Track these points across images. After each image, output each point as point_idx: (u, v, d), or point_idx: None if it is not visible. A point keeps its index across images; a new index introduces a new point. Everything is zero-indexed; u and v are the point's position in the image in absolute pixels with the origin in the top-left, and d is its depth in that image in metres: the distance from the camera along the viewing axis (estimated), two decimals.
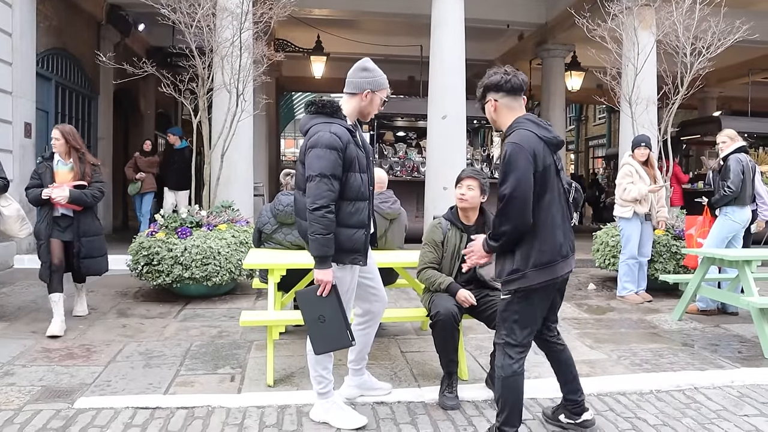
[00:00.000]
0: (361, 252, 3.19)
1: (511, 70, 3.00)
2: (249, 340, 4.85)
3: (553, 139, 2.90)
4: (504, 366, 2.90)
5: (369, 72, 3.23)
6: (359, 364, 3.58)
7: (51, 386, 3.78)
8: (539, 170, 2.80)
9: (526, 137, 2.82)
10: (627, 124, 8.33)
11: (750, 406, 3.67)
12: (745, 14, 7.85)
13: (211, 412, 3.41)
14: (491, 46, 14.93)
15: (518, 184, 2.75)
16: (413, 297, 6.26)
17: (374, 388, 3.65)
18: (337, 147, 3.02)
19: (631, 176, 6.51)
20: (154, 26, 7.90)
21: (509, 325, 2.92)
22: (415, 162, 10.96)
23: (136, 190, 10.23)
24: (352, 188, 3.10)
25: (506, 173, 2.79)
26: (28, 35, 8.28)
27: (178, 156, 9.74)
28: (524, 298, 2.87)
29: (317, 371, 3.26)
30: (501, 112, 2.97)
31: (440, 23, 8.76)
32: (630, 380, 4.05)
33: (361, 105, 3.22)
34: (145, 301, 6.26)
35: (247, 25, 7.00)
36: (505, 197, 2.77)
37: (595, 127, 27.42)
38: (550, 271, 2.84)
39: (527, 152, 2.77)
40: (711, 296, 5.71)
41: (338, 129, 3.07)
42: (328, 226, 3.00)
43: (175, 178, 9.68)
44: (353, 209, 3.11)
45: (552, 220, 2.85)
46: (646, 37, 8.27)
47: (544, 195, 2.82)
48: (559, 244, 2.87)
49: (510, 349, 2.90)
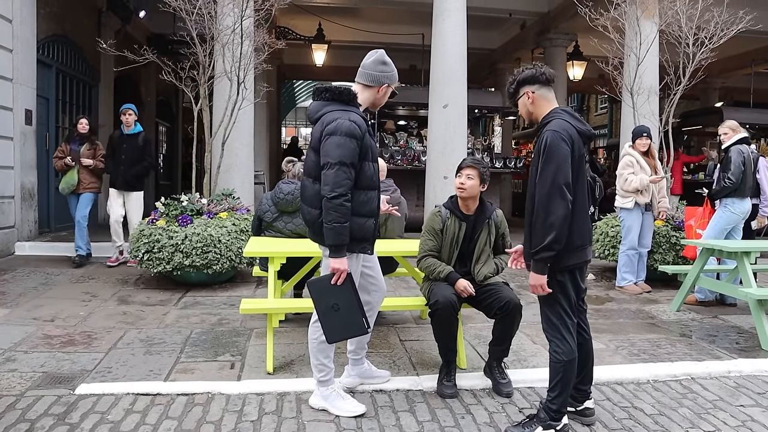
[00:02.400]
0: (370, 241, 3.21)
1: (539, 65, 3.14)
2: (249, 327, 4.87)
3: (587, 131, 3.02)
4: (560, 351, 2.99)
5: (387, 66, 3.27)
6: (359, 354, 3.61)
7: (52, 372, 3.81)
8: (575, 157, 2.91)
9: (564, 126, 2.93)
10: (628, 115, 8.31)
11: (746, 397, 3.70)
12: (749, 4, 7.79)
13: (211, 399, 3.44)
14: (493, 35, 14.87)
15: (559, 170, 2.83)
16: (413, 286, 6.28)
17: (374, 376, 3.68)
18: (357, 135, 3.03)
19: (632, 166, 6.51)
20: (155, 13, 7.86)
21: (555, 308, 3.02)
22: (415, 151, 10.94)
23: (69, 186, 7.28)
24: (366, 177, 3.11)
25: (547, 161, 2.86)
26: (29, 22, 8.26)
27: (129, 144, 7.33)
28: (558, 279, 2.98)
29: (319, 359, 3.28)
30: (538, 104, 3.08)
31: (442, 12, 8.71)
32: (627, 370, 4.07)
33: (376, 97, 3.27)
34: (145, 288, 6.28)
35: (249, 12, 6.98)
36: (549, 185, 2.84)
37: (596, 117, 27.33)
38: (582, 253, 3.01)
39: (567, 139, 2.88)
40: (709, 287, 5.73)
41: (357, 118, 3.09)
42: (345, 214, 3.00)
43: (122, 175, 7.28)
44: (366, 198, 3.12)
45: (583, 205, 2.99)
46: (648, 26, 8.23)
47: (579, 180, 2.94)
48: (588, 229, 3.05)
49: (563, 330, 3.01)
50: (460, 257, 3.82)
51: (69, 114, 10.03)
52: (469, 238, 3.81)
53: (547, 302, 3.06)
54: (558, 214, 2.82)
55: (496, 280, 3.81)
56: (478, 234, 3.81)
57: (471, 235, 3.81)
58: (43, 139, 8.97)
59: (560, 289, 3.01)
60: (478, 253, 3.81)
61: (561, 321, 3.01)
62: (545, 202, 2.85)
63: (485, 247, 3.83)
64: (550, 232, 2.83)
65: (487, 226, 3.81)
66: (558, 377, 3.01)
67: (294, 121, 37.38)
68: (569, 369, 3.00)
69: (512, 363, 4.10)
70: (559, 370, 3.00)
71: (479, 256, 3.81)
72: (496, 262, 3.85)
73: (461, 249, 3.81)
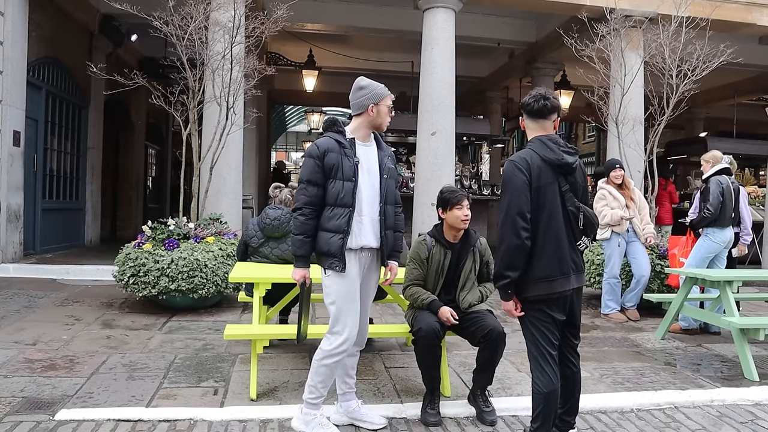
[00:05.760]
0: (338, 257, 3.22)
1: (542, 95, 3.10)
2: (233, 353, 4.84)
3: (555, 161, 2.97)
4: (540, 383, 3.00)
5: (365, 89, 3.35)
6: (341, 389, 3.53)
7: (32, 397, 3.76)
8: (537, 186, 2.92)
9: (525, 155, 2.98)
10: (614, 144, 8.43)
11: (729, 426, 3.71)
12: (730, 38, 8.01)
13: (193, 426, 3.41)
14: (482, 63, 15.06)
15: (512, 200, 2.90)
16: (399, 312, 6.27)
17: (363, 420, 3.51)
18: (314, 155, 3.23)
19: (604, 199, 6.63)
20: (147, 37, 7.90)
21: (531, 339, 3.04)
22: (404, 177, 11.01)
23: None
24: (331, 194, 3.22)
25: (503, 190, 2.98)
26: (20, 44, 8.29)
27: None
28: (530, 309, 3.01)
29: (314, 380, 3.30)
30: (529, 132, 3.14)
31: (431, 40, 8.84)
32: (611, 399, 4.07)
33: (370, 119, 3.34)
34: (130, 312, 6.23)
35: (239, 39, 7.05)
36: (504, 214, 2.93)
37: (584, 145, 27.62)
38: (548, 285, 2.95)
39: (524, 169, 2.91)
40: (693, 316, 5.77)
41: (322, 140, 3.27)
42: (297, 227, 3.22)
43: None
44: (330, 214, 3.22)
45: (554, 235, 2.95)
46: (633, 58, 8.41)
47: (544, 209, 2.93)
48: (563, 261, 2.97)
49: (542, 361, 3.01)
50: (445, 285, 3.84)
51: (58, 136, 10.03)
52: (454, 267, 3.83)
53: (525, 334, 3.10)
54: (509, 243, 2.88)
55: (481, 307, 3.82)
56: (463, 262, 3.83)
57: (456, 263, 3.83)
58: (30, 161, 8.94)
59: (530, 322, 3.03)
60: (463, 280, 3.83)
61: (539, 352, 3.02)
62: (501, 231, 2.93)
63: (470, 274, 3.85)
64: (504, 260, 2.92)
65: (472, 254, 3.84)
66: (539, 408, 3.01)
67: (285, 145, 37.49)
68: (550, 400, 2.99)
69: (496, 391, 4.10)
70: (539, 401, 3.00)
71: (464, 284, 3.83)
72: (480, 290, 3.86)
73: (446, 277, 3.82)
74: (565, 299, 3.05)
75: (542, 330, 3.01)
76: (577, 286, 3.06)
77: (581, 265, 3.10)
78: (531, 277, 2.95)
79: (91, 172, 11.30)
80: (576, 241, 3.05)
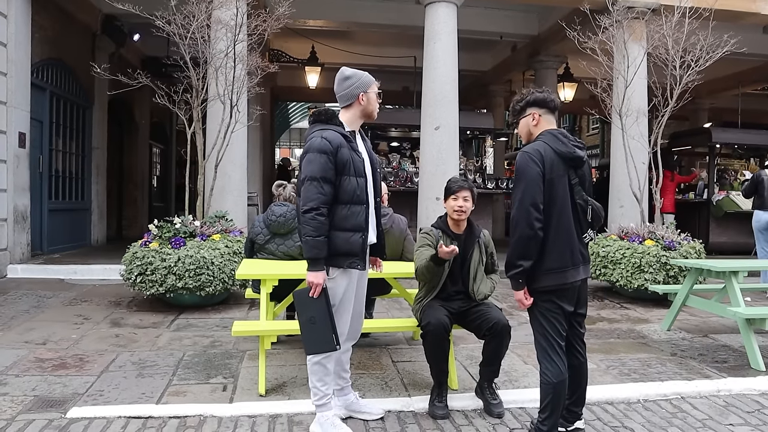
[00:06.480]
0: (359, 256, 3.20)
1: (550, 92, 3.25)
2: (241, 349, 4.87)
3: (567, 153, 3.03)
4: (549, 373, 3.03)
5: (351, 78, 3.30)
6: (338, 384, 3.52)
7: (44, 396, 3.80)
8: (550, 178, 2.96)
9: (538, 147, 3.02)
10: (618, 136, 8.42)
11: (735, 416, 3.72)
12: (733, 28, 7.97)
13: (203, 422, 3.44)
14: (485, 56, 15.03)
15: (526, 191, 2.94)
16: (405, 307, 6.30)
17: (362, 410, 3.55)
18: (327, 150, 3.09)
19: None
20: (149, 36, 7.91)
21: (540, 330, 3.08)
22: (408, 172, 11.01)
23: None
24: (346, 191, 3.13)
25: (517, 181, 3.01)
26: (24, 46, 8.33)
27: None
28: (540, 299, 3.05)
29: (312, 382, 3.28)
30: (540, 126, 3.17)
31: (434, 35, 8.84)
32: (618, 390, 4.09)
33: (361, 108, 3.30)
34: (138, 310, 6.27)
35: (241, 36, 7.06)
36: (517, 205, 2.97)
37: (588, 137, 27.53)
38: (559, 276, 3.00)
39: (537, 160, 2.96)
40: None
41: (330, 134, 3.14)
42: (317, 228, 3.04)
43: None
44: (348, 212, 3.14)
45: (565, 227, 3.00)
46: (636, 49, 8.38)
47: (557, 201, 2.98)
48: (573, 253, 3.03)
49: (551, 351, 3.04)
50: (451, 276, 3.83)
51: (63, 137, 10.07)
52: (461, 258, 3.83)
53: (533, 325, 3.13)
54: (522, 233, 2.93)
55: (486, 300, 3.84)
56: (470, 253, 3.84)
57: (463, 254, 3.81)
58: (36, 162, 8.99)
59: (540, 312, 3.07)
60: (474, 272, 3.83)
61: (548, 343, 3.06)
62: (514, 221, 2.98)
63: (479, 266, 3.86)
64: (516, 250, 2.97)
65: (477, 245, 3.85)
66: (548, 398, 3.04)
67: (288, 142, 37.51)
68: (558, 390, 3.02)
69: (503, 383, 4.12)
70: (548, 392, 3.03)
71: (475, 276, 3.83)
72: (489, 282, 3.89)
73: (452, 268, 3.82)
74: (574, 290, 3.11)
75: (551, 320, 3.05)
76: (584, 276, 3.12)
77: (588, 256, 3.17)
78: (542, 268, 2.99)
79: (96, 172, 11.33)
80: (582, 234, 3.09)
